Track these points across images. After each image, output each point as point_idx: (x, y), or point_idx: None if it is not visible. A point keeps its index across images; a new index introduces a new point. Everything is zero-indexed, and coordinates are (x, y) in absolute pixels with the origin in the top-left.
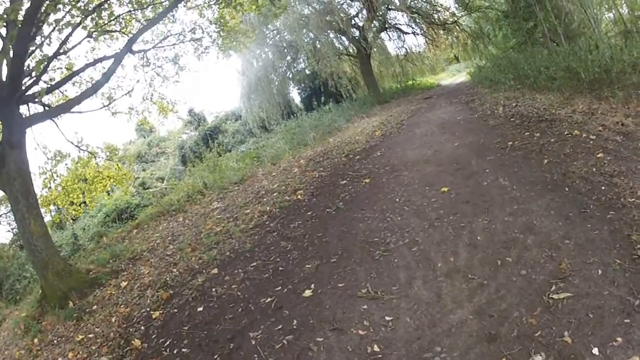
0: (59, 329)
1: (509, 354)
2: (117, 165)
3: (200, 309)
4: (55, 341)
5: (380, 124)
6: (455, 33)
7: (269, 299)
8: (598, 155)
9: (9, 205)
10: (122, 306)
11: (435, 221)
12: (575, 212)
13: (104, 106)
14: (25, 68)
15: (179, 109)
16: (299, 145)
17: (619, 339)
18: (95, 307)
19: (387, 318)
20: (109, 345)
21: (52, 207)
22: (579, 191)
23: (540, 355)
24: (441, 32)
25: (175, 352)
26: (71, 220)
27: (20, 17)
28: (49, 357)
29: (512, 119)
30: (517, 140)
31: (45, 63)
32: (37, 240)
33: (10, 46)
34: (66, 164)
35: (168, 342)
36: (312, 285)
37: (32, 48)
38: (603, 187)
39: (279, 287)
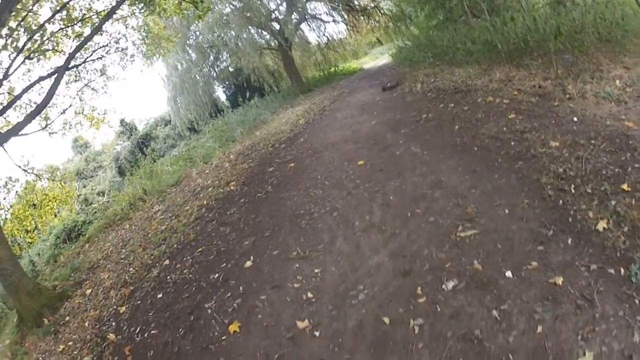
0: (41, 346)
1: (423, 283)
2: (61, 184)
3: (160, 295)
4: (40, 358)
5: (304, 113)
6: (377, 17)
7: (216, 275)
8: (510, 117)
9: None
10: (92, 310)
11: (352, 190)
12: (483, 167)
13: (43, 127)
14: None
15: (110, 119)
16: (228, 142)
17: (534, 263)
18: (67, 317)
19: (315, 271)
20: (88, 346)
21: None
22: (487, 149)
23: (453, 281)
24: (362, 17)
25: (145, 335)
26: (26, 248)
27: None
28: None
29: (428, 94)
30: (432, 112)
31: None
32: (6, 264)
33: None
34: (16, 191)
35: (138, 329)
36: (251, 257)
37: None
38: (512, 143)
39: (224, 264)
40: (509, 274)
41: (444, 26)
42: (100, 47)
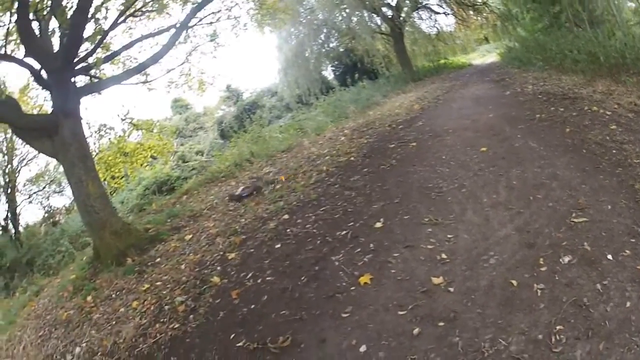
0: (118, 284)
1: (544, 255)
2: (159, 136)
3: (278, 246)
4: (113, 295)
5: (418, 99)
6: (485, 14)
7: (344, 232)
8: (612, 127)
9: (41, 184)
10: (191, 254)
11: (478, 171)
12: (591, 167)
13: (144, 82)
14: (81, 39)
15: (217, 84)
16: (340, 118)
17: (628, 252)
18: (158, 259)
19: (448, 236)
20: (183, 287)
21: None
22: (594, 153)
23: (568, 257)
24: (471, 12)
25: (259, 281)
26: (111, 194)
27: None
28: (106, 311)
29: (539, 96)
30: (544, 114)
31: (101, 35)
32: (95, 201)
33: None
34: (109, 138)
35: (250, 275)
36: (381, 219)
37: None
38: (614, 151)
39: (352, 223)
40: (610, 257)
41: (549, 31)
42: (211, 13)
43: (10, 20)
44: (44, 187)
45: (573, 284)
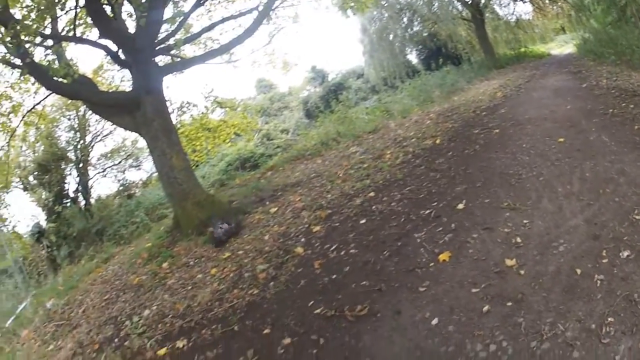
0: (197, 252)
1: (607, 247)
2: (243, 114)
3: (363, 221)
4: (191, 263)
5: (500, 87)
6: (559, 3)
7: (427, 211)
8: None
9: (117, 158)
10: (275, 226)
11: (555, 161)
12: None
13: (227, 61)
14: (160, 21)
15: (302, 65)
16: (425, 102)
17: None
18: (242, 230)
19: (524, 221)
20: (265, 257)
21: None
22: None
23: (627, 252)
24: (547, 0)
25: (342, 253)
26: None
27: None
28: (182, 277)
29: (612, 91)
30: (616, 109)
31: (181, 17)
32: (179, 173)
33: None
34: (191, 115)
35: (334, 247)
36: (463, 201)
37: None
38: None
39: (435, 203)
40: None
41: (618, 25)
42: None
43: (77, 4)
44: (120, 162)
45: (628, 279)
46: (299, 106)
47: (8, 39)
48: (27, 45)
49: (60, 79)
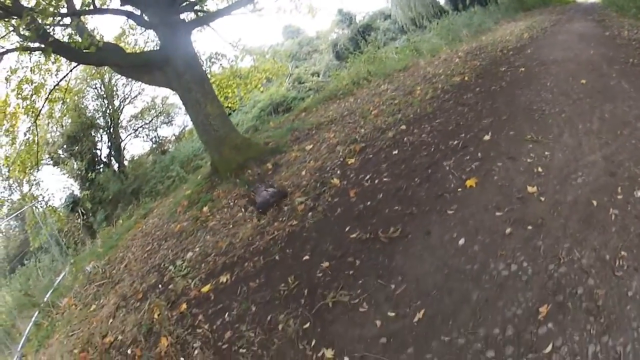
0: (236, 193)
1: (622, 185)
2: (273, 59)
3: (395, 152)
4: (231, 204)
5: (527, 28)
6: None
7: (455, 142)
8: None
9: (147, 118)
10: (312, 162)
11: (577, 100)
12: None
13: (252, 11)
14: None
15: (328, 8)
16: (454, 41)
17: None
18: (279, 168)
19: (546, 153)
20: (303, 190)
21: None
22: None
23: None
24: None
25: (376, 182)
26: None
27: None
28: (223, 217)
29: (633, 42)
30: (637, 59)
31: None
32: (214, 120)
33: None
34: (221, 64)
35: (368, 177)
36: (489, 133)
37: None
38: None
39: (462, 134)
40: None
41: None
42: None
43: None
44: (151, 121)
45: None
46: (328, 49)
47: (23, 26)
48: (46, 27)
49: (85, 50)
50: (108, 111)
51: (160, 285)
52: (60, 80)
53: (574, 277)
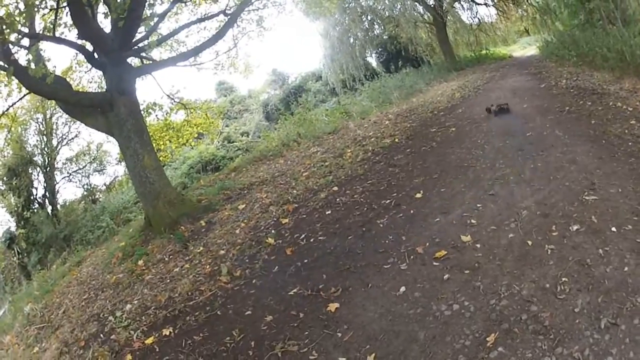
0: (170, 249)
1: (556, 223)
2: (205, 114)
3: (329, 212)
4: (166, 259)
5: (459, 88)
6: (524, 6)
7: (388, 201)
8: (631, 122)
9: (81, 163)
10: (245, 221)
11: (508, 154)
12: (607, 156)
13: (193, 64)
14: (139, 22)
15: (263, 67)
16: (384, 103)
17: (630, 226)
18: (212, 226)
19: (477, 205)
20: (238, 248)
21: None
22: (612, 144)
23: (577, 226)
24: (511, 4)
25: (311, 240)
26: None
27: None
28: (159, 272)
29: (571, 90)
30: (573, 107)
31: (156, 20)
32: (150, 172)
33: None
34: (156, 115)
35: (303, 236)
36: (421, 191)
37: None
38: (630, 143)
39: (395, 194)
40: (613, 229)
41: (584, 27)
42: (258, 0)
43: (59, 3)
44: (85, 166)
45: (579, 248)
46: (259, 109)
47: None
48: (10, 44)
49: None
50: (46, 149)
51: (101, 335)
52: (11, 106)
53: (517, 307)
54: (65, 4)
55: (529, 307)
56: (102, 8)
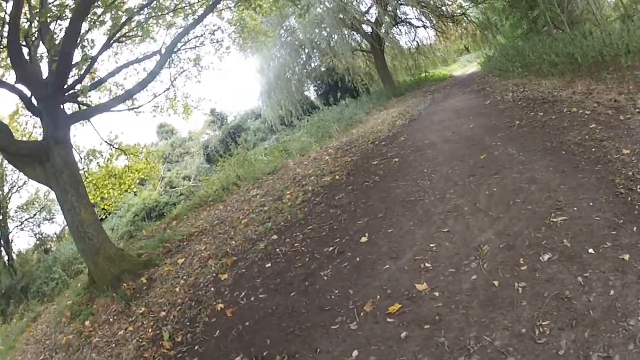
0: (115, 309)
1: (525, 255)
2: (146, 159)
3: (269, 265)
4: (111, 320)
5: (400, 115)
6: (464, 24)
7: (331, 248)
8: (591, 126)
9: (32, 211)
10: (185, 277)
11: (458, 182)
12: (570, 168)
13: (131, 108)
14: (71, 65)
15: (202, 108)
16: (324, 138)
17: (609, 244)
18: (153, 284)
19: (431, 245)
20: (179, 309)
21: None
22: (573, 153)
23: (548, 255)
24: (450, 24)
25: (252, 299)
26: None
27: (69, 14)
28: (105, 335)
29: (519, 103)
30: (524, 120)
31: (89, 62)
32: (89, 227)
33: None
34: (98, 162)
35: (243, 294)
36: (367, 234)
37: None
38: (593, 149)
39: (338, 239)
40: (590, 250)
41: (529, 37)
42: (195, 38)
43: (0, 42)
44: (35, 215)
45: (554, 280)
46: (199, 151)
47: None
48: None
49: None
50: None
51: None
52: None
53: None
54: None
55: (505, 359)
56: (43, 49)
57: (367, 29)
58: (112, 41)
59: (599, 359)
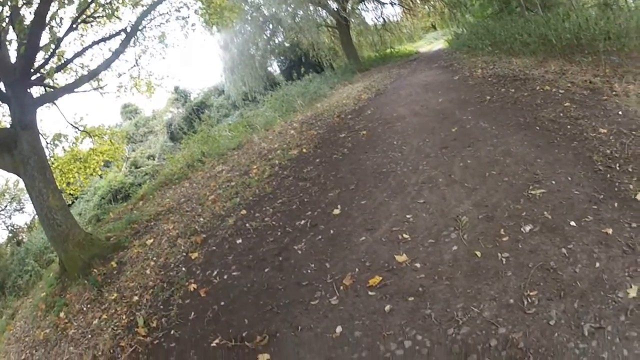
0: (87, 297)
1: (505, 225)
2: (110, 141)
3: (239, 241)
4: (84, 309)
5: (365, 89)
6: (432, 2)
7: (303, 222)
8: (565, 104)
9: (3, 203)
10: (154, 259)
11: (430, 154)
12: (545, 143)
13: (95, 88)
14: (37, 48)
15: (166, 85)
16: (288, 112)
17: (590, 217)
18: (124, 267)
19: (407, 216)
20: (151, 292)
21: None
22: (547, 129)
23: (529, 226)
24: (418, 1)
25: (225, 277)
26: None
27: None
28: (80, 325)
29: (489, 79)
30: (495, 95)
31: (56, 43)
32: (56, 213)
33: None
34: (63, 146)
35: (216, 272)
36: (339, 206)
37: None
38: (569, 126)
39: (309, 212)
40: (572, 223)
41: (499, 16)
42: (160, 15)
43: None
44: (5, 206)
45: (537, 251)
46: (163, 129)
47: None
48: None
49: None
50: None
51: None
52: None
53: (481, 333)
54: None
55: (495, 330)
56: (12, 34)
57: (333, 5)
58: (78, 21)
59: (591, 329)
